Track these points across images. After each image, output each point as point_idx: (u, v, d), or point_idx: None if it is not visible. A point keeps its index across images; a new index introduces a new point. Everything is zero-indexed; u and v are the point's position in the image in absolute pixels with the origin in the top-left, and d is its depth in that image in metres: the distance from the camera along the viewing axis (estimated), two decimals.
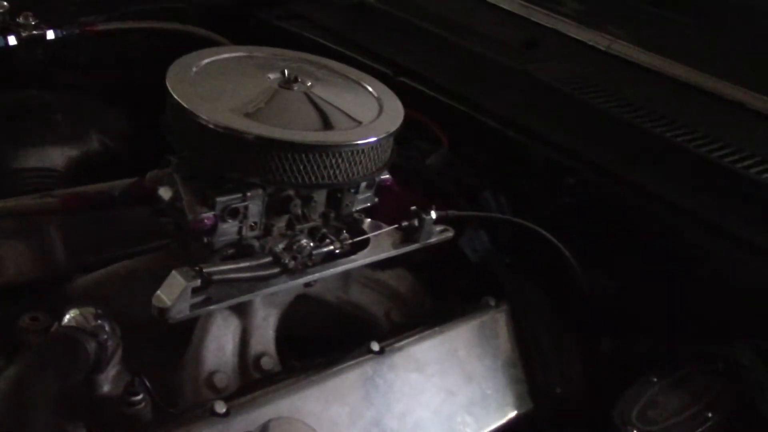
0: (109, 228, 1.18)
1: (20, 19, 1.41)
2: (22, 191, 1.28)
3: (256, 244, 1.02)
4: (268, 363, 1.06)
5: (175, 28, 1.67)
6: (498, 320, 1.18)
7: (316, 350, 1.12)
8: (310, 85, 1.06)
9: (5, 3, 1.41)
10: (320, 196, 1.07)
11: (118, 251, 1.16)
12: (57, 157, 1.52)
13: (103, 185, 1.17)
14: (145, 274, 1.09)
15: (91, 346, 0.91)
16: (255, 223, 1.01)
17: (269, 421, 0.84)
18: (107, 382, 0.95)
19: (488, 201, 1.32)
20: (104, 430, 0.92)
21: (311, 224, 1.07)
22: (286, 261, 0.97)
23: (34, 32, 1.43)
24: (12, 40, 1.40)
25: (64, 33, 1.48)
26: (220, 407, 0.87)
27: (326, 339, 1.15)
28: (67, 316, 0.94)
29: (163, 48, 1.44)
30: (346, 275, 1.18)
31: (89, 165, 1.55)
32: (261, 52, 1.16)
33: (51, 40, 1.47)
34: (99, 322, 0.94)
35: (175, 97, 0.96)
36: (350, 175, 0.99)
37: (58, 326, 0.94)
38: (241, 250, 1.02)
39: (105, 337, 0.93)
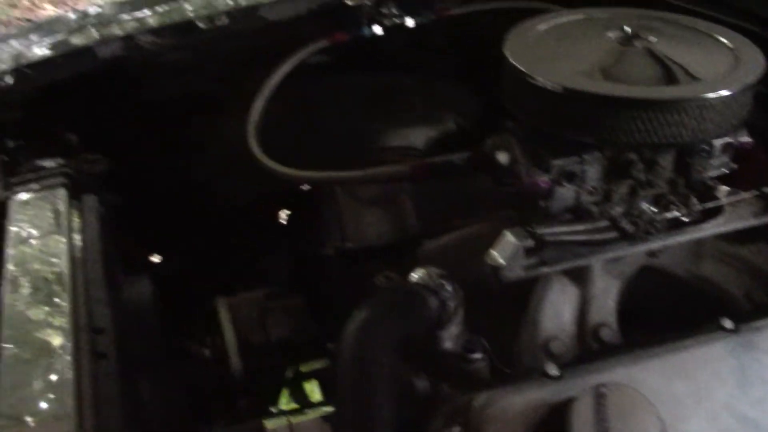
0: (454, 196, 1.24)
1: (384, 10, 1.54)
2: None
3: (594, 210, 0.99)
4: (608, 334, 1.02)
5: (522, 5, 1.69)
6: None
7: (659, 326, 1.05)
8: (653, 41, 0.99)
9: None
10: (666, 161, 0.99)
11: (462, 218, 1.21)
12: (417, 136, 1.63)
13: (447, 155, 1.22)
14: (484, 239, 1.12)
15: (433, 302, 0.96)
16: (594, 187, 0.98)
17: (601, 384, 0.80)
18: (448, 339, 1.00)
19: None
20: (444, 381, 0.97)
21: (656, 191, 1.00)
22: (625, 225, 0.92)
23: (396, 21, 1.55)
24: (378, 30, 1.53)
25: (422, 19, 1.58)
26: (553, 369, 0.86)
27: (672, 316, 1.07)
28: (414, 275, 1.02)
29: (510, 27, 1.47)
30: (698, 247, 1.08)
31: (445, 144, 1.64)
32: (600, 13, 1.12)
33: (410, 27, 1.58)
34: (441, 281, 0.99)
35: (512, 60, 0.97)
36: (698, 133, 0.90)
37: (405, 283, 1.02)
38: (578, 215, 0.99)
39: (447, 295, 0.98)
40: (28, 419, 0.80)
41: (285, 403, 1.24)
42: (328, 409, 1.14)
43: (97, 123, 1.57)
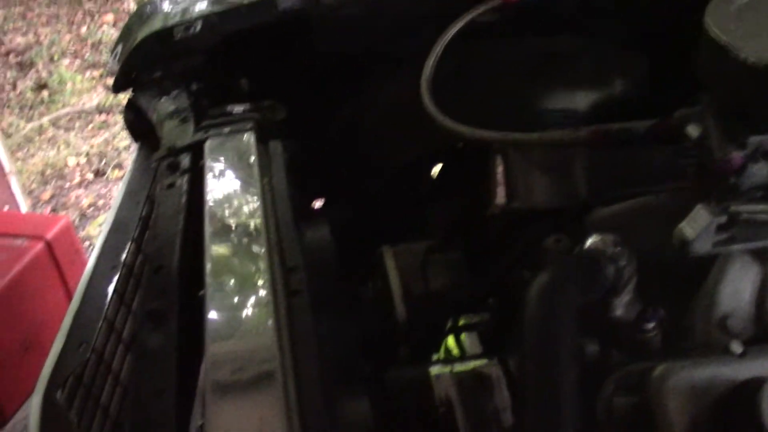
0: (629, 165, 1.23)
1: None
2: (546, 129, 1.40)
3: None
4: None
5: None
6: None
7: None
8: None
9: None
10: None
11: (636, 188, 1.20)
12: (581, 100, 1.61)
13: (627, 123, 1.21)
14: (661, 211, 1.12)
15: (609, 269, 0.98)
16: None
17: None
18: (621, 307, 1.01)
19: None
20: (615, 349, 0.99)
21: None
22: None
23: None
24: None
25: None
26: (736, 347, 0.86)
27: None
28: (589, 241, 1.03)
29: None
30: None
31: (610, 109, 1.61)
32: None
33: None
34: (618, 249, 1.00)
35: (714, 32, 0.95)
36: None
37: (580, 249, 1.03)
38: None
39: (623, 263, 0.99)
40: (233, 345, 0.88)
41: (443, 353, 1.29)
42: (484, 361, 1.18)
43: (272, 72, 1.64)
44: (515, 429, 1.08)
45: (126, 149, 5.11)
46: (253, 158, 1.18)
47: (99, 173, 4.93)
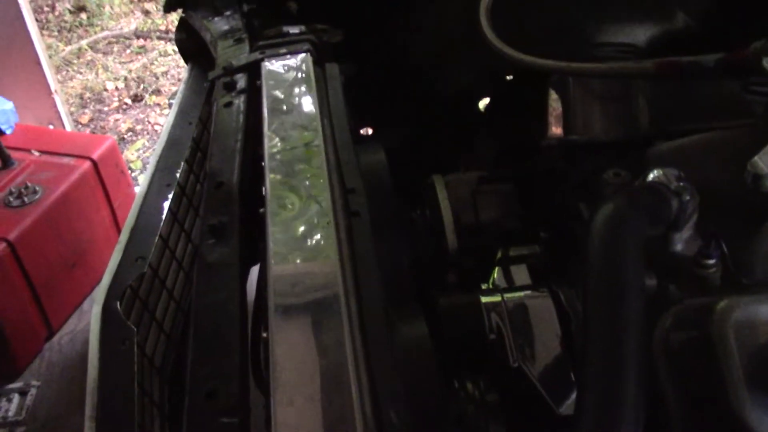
0: (693, 100, 1.20)
1: None
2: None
3: None
4: None
5: None
6: None
7: None
8: None
9: None
10: None
11: (699, 123, 1.18)
12: (640, 33, 1.56)
13: (697, 56, 1.18)
14: (726, 146, 1.09)
15: (674, 202, 0.96)
16: None
17: None
18: (681, 241, 1.00)
19: None
20: (674, 284, 0.98)
21: None
22: None
23: None
24: None
25: None
26: None
27: None
28: (652, 174, 1.01)
29: None
30: None
31: (670, 44, 1.56)
32: None
33: None
34: (682, 183, 0.98)
35: None
36: None
37: (642, 181, 1.01)
38: None
39: (687, 198, 0.98)
40: (295, 264, 0.88)
41: (492, 283, 1.29)
42: (535, 292, 1.17)
43: None
44: (574, 361, 1.09)
45: (164, 75, 5.11)
46: (310, 79, 1.17)
47: (137, 98, 4.94)
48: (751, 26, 1.06)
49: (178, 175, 1.25)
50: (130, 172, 3.61)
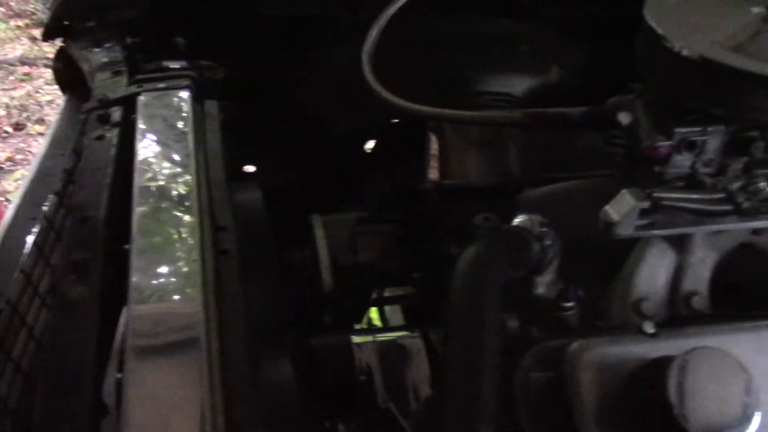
0: (560, 150, 1.26)
1: None
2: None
3: (707, 180, 1.00)
4: (699, 303, 1.04)
5: None
6: None
7: (749, 304, 1.07)
8: None
9: None
10: None
11: (566, 172, 1.24)
12: (517, 84, 1.64)
13: (562, 108, 1.24)
14: (588, 195, 1.15)
15: (536, 247, 1.00)
16: (710, 159, 1.00)
17: (697, 348, 0.83)
18: (543, 285, 1.04)
19: None
20: (535, 325, 1.02)
21: None
22: (740, 200, 0.94)
23: None
24: None
25: None
26: (649, 327, 0.90)
27: (764, 296, 1.09)
28: (517, 219, 1.05)
29: None
30: None
31: (545, 96, 1.64)
32: None
33: None
34: (544, 228, 1.03)
35: (652, 23, 0.98)
36: None
37: (508, 226, 1.05)
38: (691, 184, 1.01)
39: (548, 243, 1.02)
40: (157, 302, 0.86)
41: (367, 324, 1.30)
42: (407, 333, 1.19)
43: (210, 31, 1.61)
44: (436, 400, 1.10)
45: (49, 104, 4.93)
46: (187, 115, 1.16)
47: (18, 127, 4.74)
48: (620, 81, 1.13)
49: (44, 208, 1.20)
50: (7, 203, 3.44)
